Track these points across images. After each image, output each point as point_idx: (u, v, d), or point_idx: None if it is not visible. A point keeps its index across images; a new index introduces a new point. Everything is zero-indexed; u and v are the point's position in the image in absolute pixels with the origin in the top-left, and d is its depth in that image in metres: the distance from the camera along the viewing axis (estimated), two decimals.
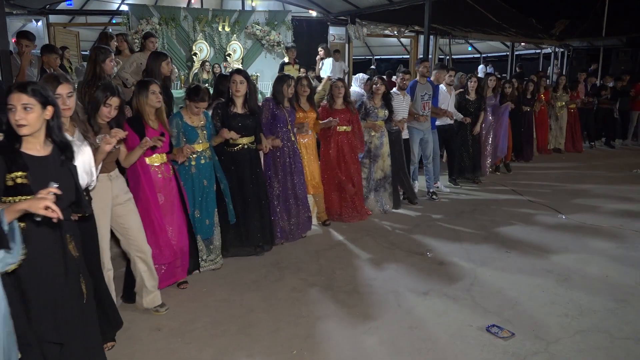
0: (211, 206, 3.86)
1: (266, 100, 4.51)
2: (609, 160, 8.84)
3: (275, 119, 4.42)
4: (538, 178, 7.31)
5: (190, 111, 3.68)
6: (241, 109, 4.00)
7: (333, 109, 5.04)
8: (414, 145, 5.98)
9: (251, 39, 9.47)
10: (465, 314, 3.28)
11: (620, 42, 13.30)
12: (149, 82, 3.33)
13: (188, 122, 3.68)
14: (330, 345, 2.92)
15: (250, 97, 4.00)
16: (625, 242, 4.64)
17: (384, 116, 5.31)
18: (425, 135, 6.00)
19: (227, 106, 3.98)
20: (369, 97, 5.35)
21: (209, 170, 3.83)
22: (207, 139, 3.79)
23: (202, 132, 3.74)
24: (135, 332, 3.04)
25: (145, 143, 3.08)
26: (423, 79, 5.96)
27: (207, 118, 3.83)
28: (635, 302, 3.45)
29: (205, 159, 3.79)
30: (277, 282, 3.77)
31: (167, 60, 4.84)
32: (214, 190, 3.87)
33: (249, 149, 4.08)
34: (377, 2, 9.34)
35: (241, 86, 3.94)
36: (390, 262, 4.17)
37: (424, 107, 5.91)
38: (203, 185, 3.78)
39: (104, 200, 2.93)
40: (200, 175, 3.77)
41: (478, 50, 16.70)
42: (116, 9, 10.66)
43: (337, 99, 5.05)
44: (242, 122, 3.98)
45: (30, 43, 5.08)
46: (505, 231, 4.93)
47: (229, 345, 2.91)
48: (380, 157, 5.38)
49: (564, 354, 2.83)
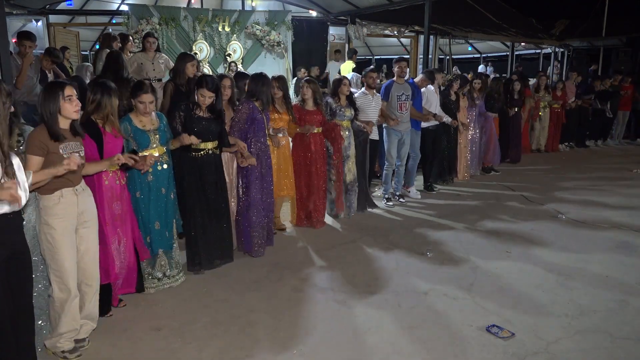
0: (170, 217, 3.57)
1: (246, 103, 4.16)
2: (604, 160, 8.85)
3: (253, 123, 4.15)
4: (533, 178, 7.30)
5: (137, 110, 3.35)
6: (205, 112, 3.76)
7: (305, 109, 4.85)
8: (391, 147, 5.71)
9: (251, 39, 9.47)
10: (465, 314, 3.28)
11: (620, 42, 13.31)
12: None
13: (138, 125, 3.34)
14: (330, 345, 2.92)
15: (215, 101, 3.76)
16: (625, 242, 4.63)
17: (350, 115, 5.10)
18: (403, 136, 5.75)
19: (191, 109, 3.73)
20: (333, 97, 5.13)
21: (167, 177, 3.52)
22: (161, 143, 3.44)
23: (155, 136, 3.39)
24: (135, 332, 3.04)
25: (117, 160, 2.84)
26: (400, 79, 5.71)
27: (160, 120, 3.49)
28: (635, 302, 3.45)
29: (162, 165, 3.47)
30: (277, 282, 3.77)
31: (193, 62, 4.87)
32: (172, 199, 3.58)
33: (213, 154, 3.83)
34: (377, 2, 9.35)
35: (209, 100, 3.72)
36: (390, 262, 4.17)
37: (400, 108, 5.63)
38: (161, 193, 3.48)
39: (68, 217, 2.66)
40: (157, 183, 3.45)
41: (478, 50, 16.71)
42: (116, 9, 10.66)
43: (307, 101, 4.84)
44: (206, 126, 3.73)
45: (32, 44, 5.09)
46: (505, 231, 4.93)
47: (229, 345, 2.91)
48: (350, 157, 5.18)
49: (564, 354, 2.83)
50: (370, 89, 5.42)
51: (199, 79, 3.76)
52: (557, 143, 9.34)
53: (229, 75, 4.47)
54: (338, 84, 5.17)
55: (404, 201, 5.85)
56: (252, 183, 4.14)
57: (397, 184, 5.97)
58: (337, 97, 5.10)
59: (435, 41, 11.37)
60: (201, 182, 3.78)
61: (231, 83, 4.21)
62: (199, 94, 3.69)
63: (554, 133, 9.20)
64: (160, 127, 3.44)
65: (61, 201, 2.61)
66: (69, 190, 2.65)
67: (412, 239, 4.74)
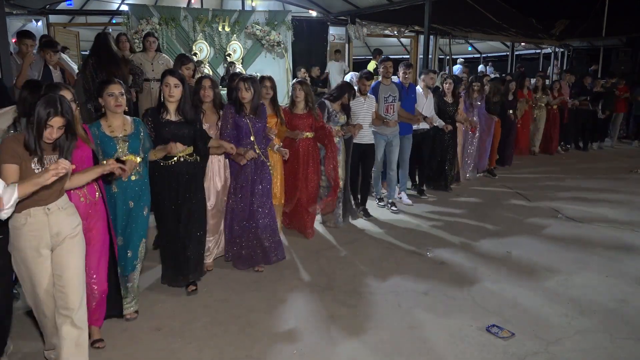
0: (137, 235, 3.14)
1: (228, 108, 3.86)
2: (601, 160, 8.85)
3: (237, 129, 3.81)
4: (532, 179, 7.30)
5: (108, 107, 2.98)
6: (175, 116, 3.40)
7: (294, 113, 4.59)
8: (377, 151, 5.46)
9: (251, 39, 9.46)
10: (465, 314, 3.28)
11: (620, 42, 13.31)
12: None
13: (106, 131, 2.99)
14: (330, 345, 2.92)
15: (184, 103, 3.40)
16: (625, 242, 4.64)
17: (343, 121, 4.89)
18: (389, 139, 5.49)
19: (159, 112, 3.39)
20: (333, 100, 4.88)
21: (137, 190, 3.12)
22: (131, 152, 3.03)
23: (124, 143, 3.00)
24: (135, 332, 3.04)
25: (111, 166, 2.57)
26: (386, 80, 5.48)
27: (136, 126, 3.11)
28: (635, 302, 3.45)
29: (131, 176, 3.06)
30: (277, 282, 3.77)
31: (189, 65, 4.75)
32: (143, 215, 3.16)
33: (186, 161, 3.44)
34: (377, 2, 9.34)
35: (175, 90, 3.33)
36: (390, 262, 4.17)
37: (387, 110, 5.43)
38: (128, 207, 3.09)
39: (38, 239, 2.37)
40: (124, 195, 3.07)
41: (478, 50, 16.70)
42: (116, 9, 10.65)
43: (298, 103, 4.59)
44: (176, 131, 3.35)
45: (33, 43, 5.07)
46: (505, 231, 4.93)
47: (229, 345, 2.91)
48: (340, 164, 4.89)
49: (564, 354, 2.83)
50: (363, 95, 5.22)
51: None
52: (556, 144, 9.20)
53: (209, 76, 4.17)
54: (344, 88, 4.90)
55: (396, 209, 5.59)
56: (236, 191, 3.87)
57: (390, 191, 5.74)
58: (336, 102, 4.87)
59: (435, 41, 11.36)
60: (172, 192, 3.41)
61: (212, 84, 3.89)
62: (163, 85, 3.34)
63: (550, 134, 9.07)
64: (132, 134, 3.06)
65: (28, 222, 2.34)
66: (39, 209, 2.36)
67: (412, 239, 4.74)
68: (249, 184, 3.88)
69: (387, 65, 5.49)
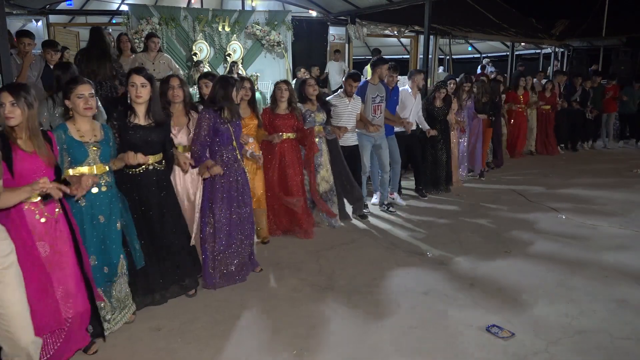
0: (114, 253, 2.91)
1: (205, 112, 3.54)
2: (599, 161, 8.84)
3: (217, 135, 3.54)
4: (530, 179, 7.30)
5: (77, 109, 2.71)
6: (144, 120, 3.12)
7: (275, 113, 4.48)
8: (365, 153, 5.32)
9: (251, 39, 9.45)
10: (465, 314, 3.28)
11: (620, 42, 13.30)
12: None
13: (74, 135, 2.71)
14: (330, 345, 2.92)
15: (154, 104, 3.13)
16: (625, 242, 4.64)
17: (321, 120, 4.72)
18: (376, 141, 5.36)
19: (126, 116, 3.10)
20: (301, 101, 4.74)
21: (108, 203, 2.85)
22: (102, 160, 2.80)
23: (95, 150, 2.76)
24: (135, 332, 3.04)
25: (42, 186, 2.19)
26: (376, 79, 5.32)
27: (105, 132, 2.88)
28: (635, 302, 3.45)
29: (100, 187, 2.80)
30: (277, 282, 3.77)
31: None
32: (117, 229, 2.92)
33: (155, 170, 3.19)
34: (377, 2, 9.33)
35: (143, 90, 3.04)
36: (390, 262, 4.17)
37: (374, 111, 5.27)
38: (99, 222, 2.83)
39: None
40: (93, 210, 2.80)
41: (478, 50, 16.69)
42: (116, 9, 10.63)
43: (281, 103, 4.47)
44: (146, 136, 3.08)
45: (32, 42, 5.06)
46: (504, 231, 4.93)
47: (229, 345, 2.91)
48: (322, 166, 4.80)
49: (564, 354, 2.83)
50: (349, 96, 5.06)
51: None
52: (553, 145, 9.13)
53: (178, 74, 3.94)
54: (302, 85, 4.76)
55: (394, 210, 5.54)
56: (216, 203, 3.56)
57: (383, 192, 5.64)
58: (306, 101, 4.73)
59: (435, 41, 11.36)
60: (141, 204, 3.15)
61: (180, 82, 3.64)
62: (128, 85, 3.07)
63: (544, 135, 9.00)
64: (103, 141, 2.82)
65: None
66: None
67: (412, 239, 4.75)
68: (233, 196, 3.63)
69: (382, 66, 5.33)
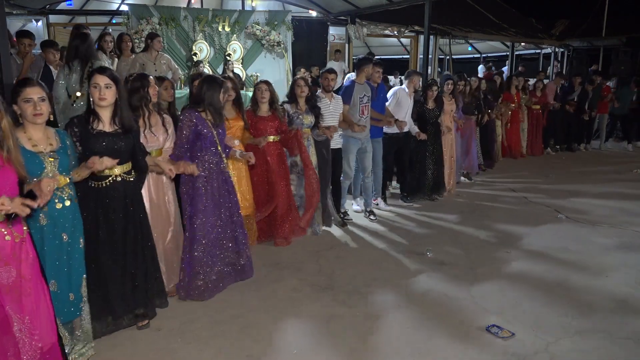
0: (77, 274, 2.61)
1: (188, 113, 3.36)
2: (596, 162, 8.84)
3: (200, 139, 3.37)
4: (529, 179, 7.30)
5: (25, 116, 2.40)
6: (109, 126, 2.78)
7: (258, 115, 4.33)
8: (350, 157, 5.11)
9: (251, 39, 9.45)
10: (465, 314, 3.28)
11: (620, 42, 13.29)
12: None
13: (26, 145, 2.38)
14: (330, 345, 2.92)
15: (121, 108, 2.80)
16: (625, 242, 4.64)
17: (310, 123, 4.57)
18: (363, 144, 5.15)
19: (88, 122, 2.74)
20: (290, 101, 4.62)
21: (71, 219, 2.56)
22: (62, 171, 2.47)
23: (52, 161, 2.43)
24: (136, 332, 3.04)
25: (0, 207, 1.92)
26: (362, 79, 5.09)
27: (61, 139, 2.54)
28: (635, 302, 3.45)
29: (64, 202, 2.51)
30: (277, 282, 3.77)
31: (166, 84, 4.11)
32: (80, 247, 2.63)
33: (123, 181, 2.85)
34: (377, 2, 9.33)
35: (107, 92, 2.71)
36: (390, 262, 4.17)
37: (362, 112, 5.04)
38: (62, 241, 2.52)
39: None
40: (56, 227, 2.49)
41: (478, 50, 16.69)
42: (116, 9, 10.64)
43: (262, 105, 4.34)
44: (113, 144, 2.75)
45: (32, 42, 5.07)
46: (504, 231, 4.93)
47: (229, 345, 2.91)
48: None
49: (564, 354, 2.83)
50: (326, 92, 4.82)
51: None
52: (541, 146, 9.11)
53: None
54: (293, 85, 4.63)
55: (374, 218, 5.29)
56: (197, 211, 3.38)
57: (366, 198, 5.42)
58: (295, 101, 4.60)
59: (435, 41, 11.36)
60: (105, 218, 2.83)
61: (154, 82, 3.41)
62: (91, 87, 2.73)
63: (535, 135, 8.97)
64: (60, 149, 2.50)
65: None
66: None
67: (411, 239, 4.75)
68: (217, 202, 3.46)
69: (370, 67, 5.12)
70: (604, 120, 10.05)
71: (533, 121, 8.90)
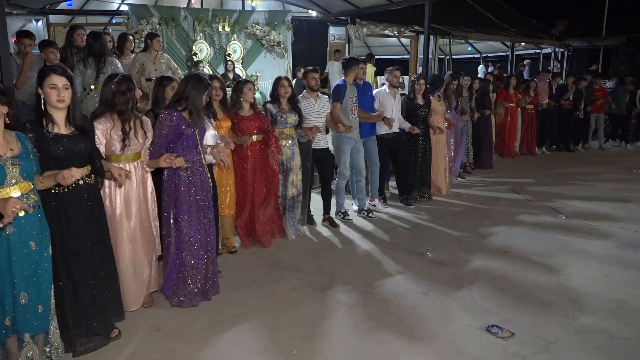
0: (46, 284, 2.47)
1: (168, 112, 3.19)
2: (596, 162, 8.84)
3: (181, 139, 3.22)
4: (528, 179, 7.30)
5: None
6: (65, 128, 2.65)
7: (239, 115, 4.26)
8: (345, 157, 5.10)
9: (251, 39, 9.45)
10: (465, 314, 3.28)
11: (620, 42, 13.30)
12: None
13: None
14: (330, 345, 2.92)
15: (74, 109, 2.66)
16: (625, 242, 4.64)
17: (293, 122, 4.54)
18: (356, 144, 5.15)
19: (42, 125, 2.59)
20: (273, 101, 4.58)
21: (39, 225, 2.43)
22: (26, 177, 2.35)
23: (14, 167, 2.30)
24: (135, 332, 3.04)
25: None
26: (351, 79, 5.12)
27: (22, 142, 2.42)
28: (635, 302, 3.45)
29: (29, 209, 2.36)
30: (277, 282, 3.77)
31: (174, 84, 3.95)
32: (48, 255, 2.49)
33: (86, 184, 2.72)
34: (377, 2, 9.33)
35: (66, 93, 2.59)
36: (390, 262, 4.17)
37: (353, 112, 5.06)
38: (30, 250, 2.39)
39: None
40: (22, 237, 2.35)
41: (478, 50, 16.69)
42: (116, 9, 10.64)
43: (244, 105, 4.28)
44: (71, 146, 2.62)
45: (32, 42, 5.07)
46: (504, 231, 4.93)
47: (229, 345, 2.91)
48: (292, 170, 4.60)
49: (564, 354, 2.83)
50: (312, 92, 4.79)
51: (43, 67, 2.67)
52: (534, 146, 9.10)
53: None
54: (276, 84, 4.57)
55: (373, 217, 5.31)
56: (182, 213, 3.26)
57: (361, 199, 5.41)
58: (277, 101, 4.55)
59: (435, 41, 11.36)
60: (67, 226, 2.68)
61: None
62: (46, 87, 2.57)
63: (528, 135, 8.96)
64: (22, 154, 2.37)
65: None
66: None
67: (411, 239, 4.75)
68: (200, 206, 3.33)
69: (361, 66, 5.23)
70: (600, 120, 10.03)
71: (527, 121, 8.92)
